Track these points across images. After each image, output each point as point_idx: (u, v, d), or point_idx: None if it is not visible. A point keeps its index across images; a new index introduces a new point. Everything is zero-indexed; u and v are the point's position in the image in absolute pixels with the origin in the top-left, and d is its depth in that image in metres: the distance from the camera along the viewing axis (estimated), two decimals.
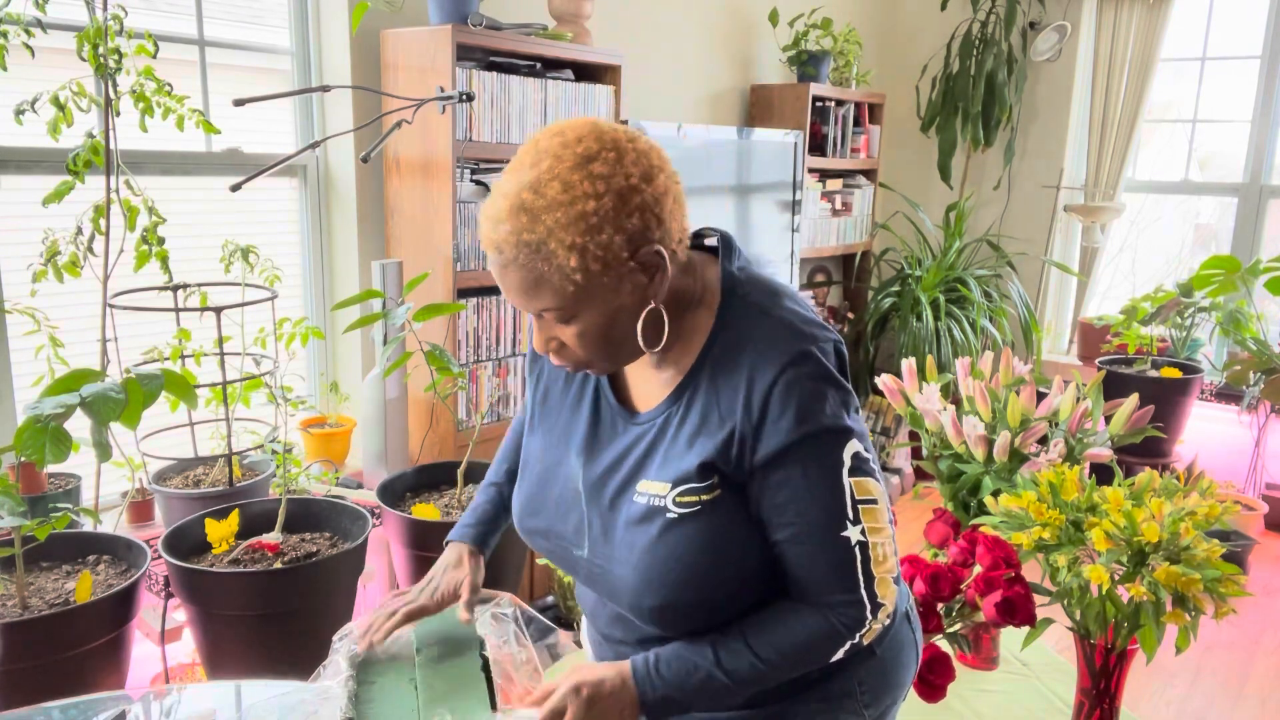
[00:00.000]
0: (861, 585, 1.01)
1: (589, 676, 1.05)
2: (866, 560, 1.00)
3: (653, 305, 0.99)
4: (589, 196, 0.91)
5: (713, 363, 1.02)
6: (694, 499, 1.00)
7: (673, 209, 0.98)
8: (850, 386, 1.03)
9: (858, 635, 1.03)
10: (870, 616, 1.02)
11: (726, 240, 1.08)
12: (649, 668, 1.05)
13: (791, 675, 1.05)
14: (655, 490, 1.02)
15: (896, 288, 4.35)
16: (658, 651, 1.06)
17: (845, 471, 0.99)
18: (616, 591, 1.07)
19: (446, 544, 1.31)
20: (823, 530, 0.99)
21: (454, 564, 1.27)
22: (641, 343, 1.00)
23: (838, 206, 4.27)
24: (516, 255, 0.93)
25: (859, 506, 0.99)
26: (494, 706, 1.17)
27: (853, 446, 0.99)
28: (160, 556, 1.91)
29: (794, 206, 3.85)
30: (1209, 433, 4.06)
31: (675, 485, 1.01)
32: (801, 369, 0.97)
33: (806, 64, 3.98)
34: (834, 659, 1.04)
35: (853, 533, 0.99)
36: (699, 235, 1.12)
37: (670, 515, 1.01)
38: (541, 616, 1.35)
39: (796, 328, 1.00)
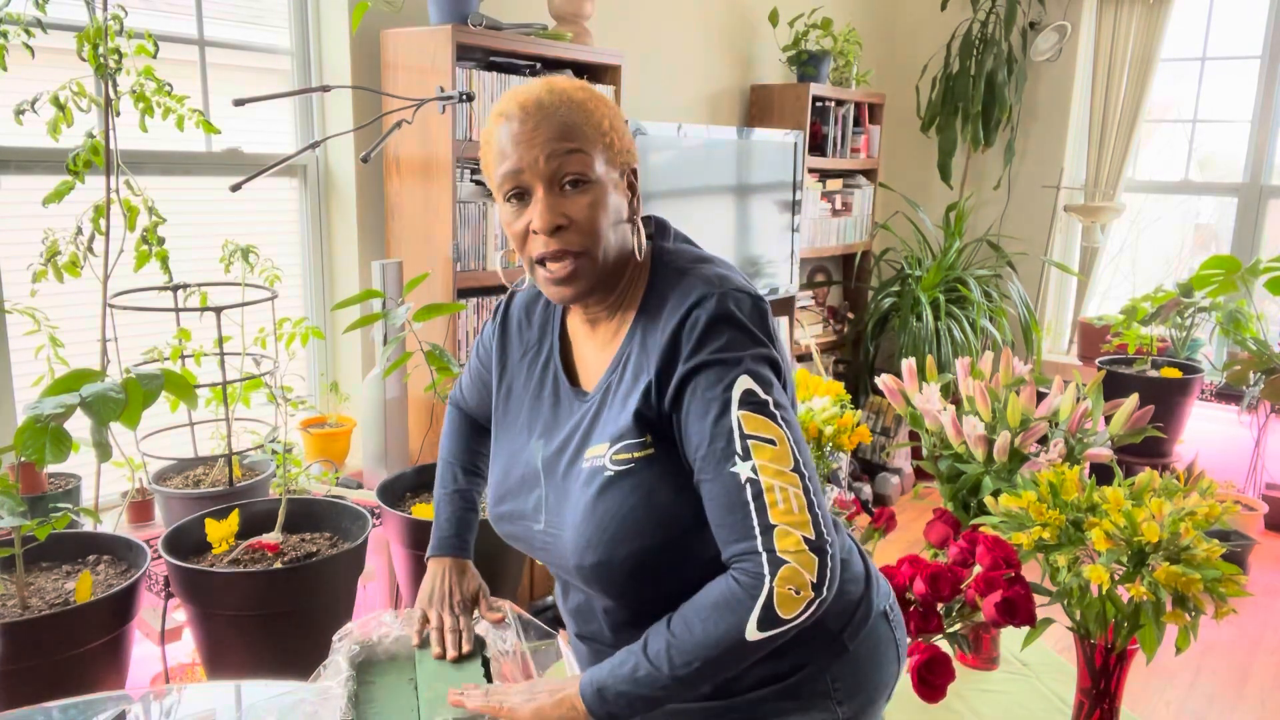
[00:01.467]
0: (757, 532, 0.95)
1: (544, 680, 1.11)
2: (761, 504, 0.96)
3: (635, 220, 1.09)
4: (606, 99, 1.09)
5: (642, 327, 1.08)
6: (628, 456, 1.04)
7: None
8: (766, 340, 1.03)
9: (759, 599, 0.95)
10: (769, 574, 0.94)
11: (660, 223, 1.17)
12: (595, 668, 1.06)
13: (707, 655, 0.98)
14: (596, 453, 1.06)
15: (896, 288, 4.35)
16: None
17: (734, 405, 0.98)
18: (564, 556, 1.09)
19: (429, 559, 1.34)
20: (713, 464, 0.99)
21: (462, 572, 1.32)
22: (622, 244, 1.08)
23: (838, 206, 4.27)
24: (558, 107, 1.04)
25: (749, 441, 0.97)
26: None
27: (744, 382, 0.99)
28: (160, 556, 1.91)
29: (794, 206, 3.85)
30: (1209, 433, 4.06)
31: (613, 444, 1.05)
32: (702, 309, 1.02)
33: (806, 64, 3.98)
34: (750, 637, 0.96)
35: (742, 469, 0.97)
36: None
37: (608, 474, 1.04)
38: (539, 621, 1.35)
39: (708, 279, 1.05)
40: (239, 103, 2.16)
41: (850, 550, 1.20)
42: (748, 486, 0.97)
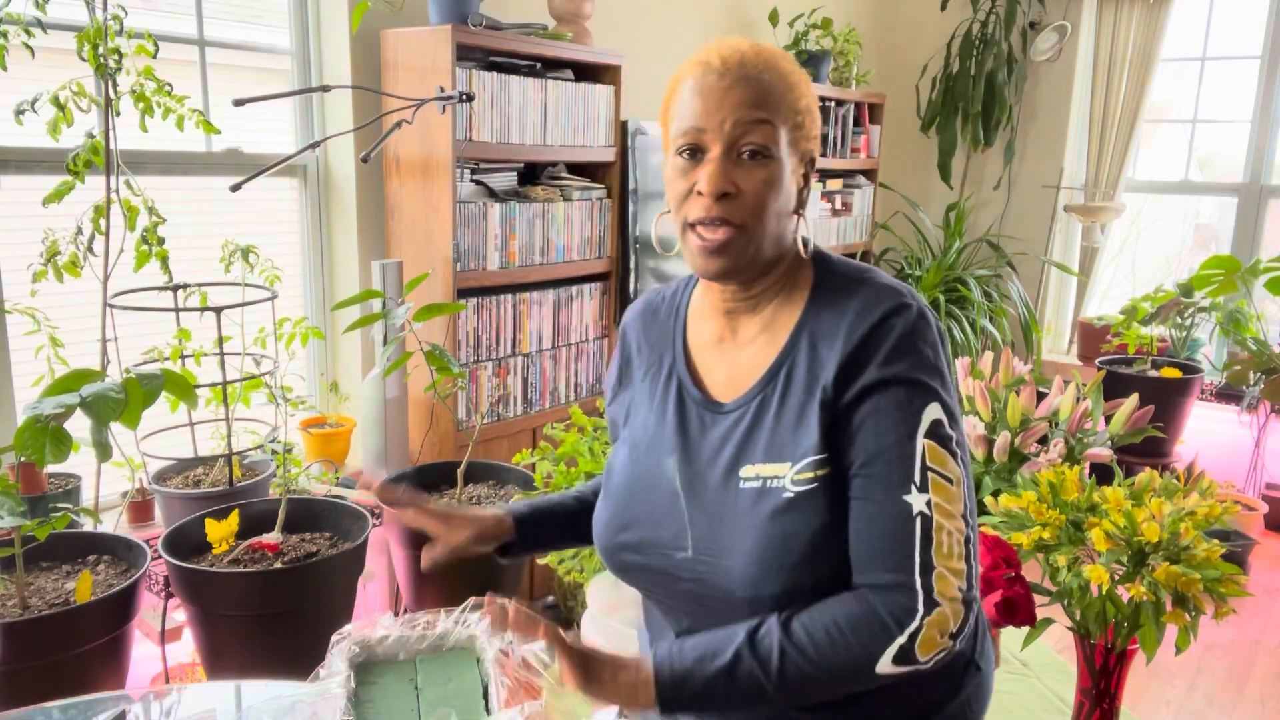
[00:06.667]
0: (917, 568, 0.91)
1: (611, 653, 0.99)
2: (927, 540, 0.91)
3: (802, 212, 1.05)
4: (808, 80, 1.04)
5: (810, 332, 1.01)
6: (809, 475, 0.96)
7: None
8: (947, 369, 0.99)
9: (905, 633, 0.91)
10: (921, 610, 0.90)
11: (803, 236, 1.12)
12: (674, 645, 0.97)
13: (827, 671, 0.92)
14: (769, 472, 0.98)
15: None
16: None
17: (922, 431, 0.93)
18: (729, 586, 0.99)
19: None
20: (884, 487, 0.93)
21: (481, 515, 1.20)
22: (782, 234, 1.04)
23: (838, 206, 4.27)
24: (761, 71, 0.99)
25: (929, 474, 0.92)
26: (488, 710, 1.18)
27: (935, 411, 0.94)
28: (160, 556, 1.91)
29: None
30: (1209, 433, 4.06)
31: (795, 463, 0.97)
32: (899, 319, 0.97)
33: (806, 64, 3.98)
34: (882, 669, 0.91)
35: (916, 500, 0.92)
36: None
37: (786, 495, 0.96)
38: (541, 618, 1.35)
39: (895, 290, 1.00)
40: (239, 103, 2.16)
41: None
42: (918, 520, 0.92)
